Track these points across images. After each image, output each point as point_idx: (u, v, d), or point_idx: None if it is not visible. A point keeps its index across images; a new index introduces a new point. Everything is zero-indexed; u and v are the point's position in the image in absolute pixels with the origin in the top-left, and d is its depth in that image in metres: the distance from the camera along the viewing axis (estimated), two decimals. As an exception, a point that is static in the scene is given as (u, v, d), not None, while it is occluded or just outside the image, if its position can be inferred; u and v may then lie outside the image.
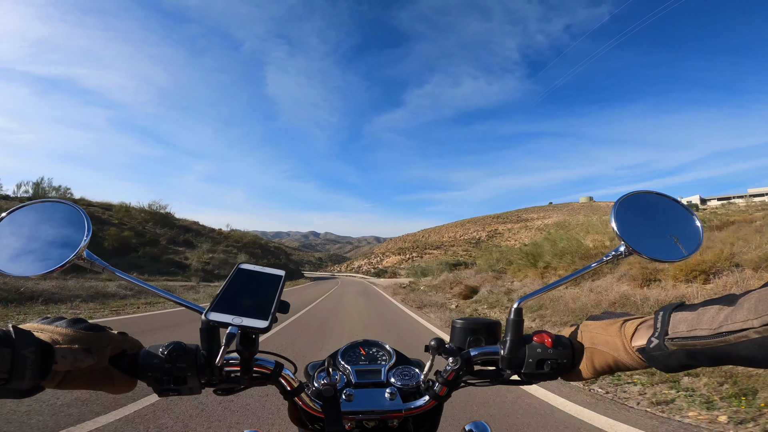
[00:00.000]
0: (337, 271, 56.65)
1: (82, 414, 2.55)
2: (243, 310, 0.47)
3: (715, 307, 0.38)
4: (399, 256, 62.27)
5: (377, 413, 0.59)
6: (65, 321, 0.46)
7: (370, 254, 67.63)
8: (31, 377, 0.39)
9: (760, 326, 0.34)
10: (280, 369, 0.54)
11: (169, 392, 0.50)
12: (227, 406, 2.83)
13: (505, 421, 2.69)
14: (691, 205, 17.42)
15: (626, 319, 0.49)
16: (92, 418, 2.50)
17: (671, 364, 0.41)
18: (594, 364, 0.50)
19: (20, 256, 0.50)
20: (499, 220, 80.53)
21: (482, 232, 70.34)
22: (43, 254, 0.50)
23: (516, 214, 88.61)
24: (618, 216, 0.53)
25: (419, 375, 0.66)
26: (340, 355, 0.71)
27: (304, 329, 6.88)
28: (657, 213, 0.55)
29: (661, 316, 0.42)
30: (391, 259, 62.05)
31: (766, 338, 0.33)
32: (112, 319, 7.11)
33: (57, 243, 0.51)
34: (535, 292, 0.57)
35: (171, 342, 0.49)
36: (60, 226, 0.52)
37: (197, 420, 2.58)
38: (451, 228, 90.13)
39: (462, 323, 0.62)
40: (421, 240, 78.76)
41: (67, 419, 2.46)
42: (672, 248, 0.52)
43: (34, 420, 2.41)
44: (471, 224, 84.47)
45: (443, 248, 63.96)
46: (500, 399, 3.12)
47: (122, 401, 2.76)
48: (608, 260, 0.54)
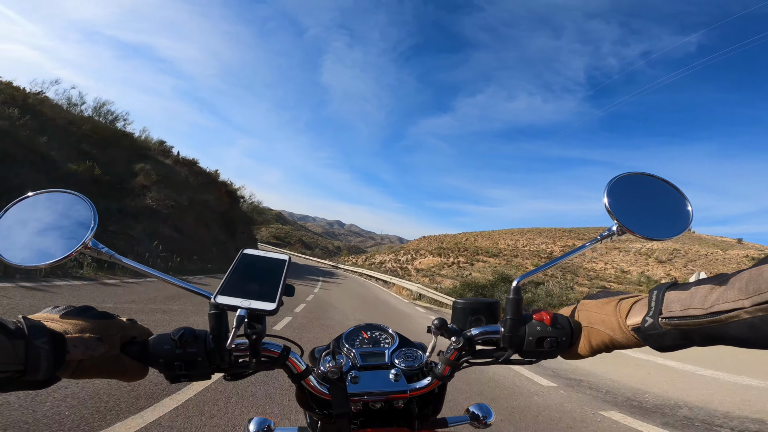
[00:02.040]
0: (351, 263, 36.31)
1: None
2: (250, 293, 0.48)
3: (708, 286, 0.39)
4: (439, 257, 44.26)
5: (383, 394, 0.61)
6: (74, 309, 0.47)
7: (399, 250, 49.62)
8: (46, 368, 0.40)
9: (750, 306, 0.34)
10: (287, 352, 0.55)
11: (180, 378, 0.50)
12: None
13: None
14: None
15: (622, 297, 0.50)
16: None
17: (665, 343, 0.42)
18: (591, 342, 0.51)
19: (27, 246, 0.50)
20: (572, 235, 63.03)
21: (553, 245, 54.11)
22: (50, 244, 0.51)
23: (592, 232, 69.37)
24: (611, 195, 0.55)
25: (422, 356, 0.67)
26: (344, 338, 0.72)
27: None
28: (650, 194, 0.57)
29: (656, 295, 0.43)
30: (428, 259, 44.22)
31: (757, 318, 0.34)
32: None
33: (63, 233, 0.51)
34: (533, 271, 0.59)
35: (181, 327, 0.50)
36: (66, 215, 0.53)
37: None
38: (507, 235, 72.10)
39: (463, 303, 0.63)
40: (464, 243, 61.52)
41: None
42: (663, 227, 0.54)
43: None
44: (534, 234, 67.81)
45: (502, 257, 45.67)
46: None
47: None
48: (602, 239, 0.56)
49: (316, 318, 6.84)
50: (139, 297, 5.96)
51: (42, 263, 0.49)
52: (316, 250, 74.41)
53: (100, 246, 0.52)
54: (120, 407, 2.29)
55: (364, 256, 52.78)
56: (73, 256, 0.50)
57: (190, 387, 2.72)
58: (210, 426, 2.25)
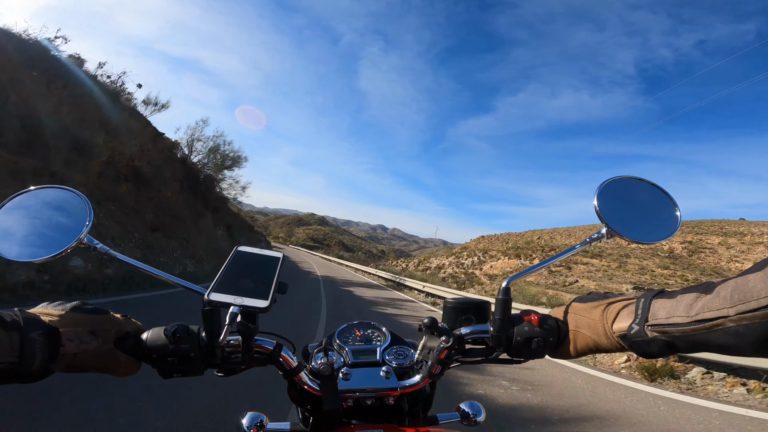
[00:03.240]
0: (400, 269, 23.70)
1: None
2: (243, 290, 0.48)
3: (693, 294, 0.39)
4: (517, 259, 32.09)
5: (373, 391, 0.61)
6: (69, 304, 0.47)
7: (460, 251, 38.42)
8: (40, 361, 0.40)
9: (734, 315, 0.35)
10: (279, 349, 0.55)
11: (173, 374, 0.50)
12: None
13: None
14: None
15: (610, 302, 0.50)
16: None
17: (651, 350, 0.43)
18: (577, 345, 0.52)
19: (22, 242, 0.50)
20: (694, 230, 48.79)
21: (673, 242, 41.12)
22: (46, 240, 0.51)
23: (717, 224, 54.07)
24: (601, 198, 0.56)
25: (413, 354, 0.68)
26: (336, 335, 0.73)
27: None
28: (639, 198, 0.58)
29: (642, 303, 0.44)
30: (501, 262, 32.75)
31: (741, 327, 0.34)
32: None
33: (59, 228, 0.52)
34: (523, 272, 0.60)
35: (174, 323, 0.50)
36: (62, 211, 0.53)
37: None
38: (590, 230, 57.62)
39: (453, 303, 0.64)
40: (538, 242, 49.43)
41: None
42: (651, 231, 0.55)
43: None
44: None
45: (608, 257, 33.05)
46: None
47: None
48: (591, 242, 0.57)
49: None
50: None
51: (36, 259, 0.49)
52: (358, 254, 68.56)
53: (95, 242, 0.52)
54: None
55: (416, 260, 42.61)
56: (67, 252, 0.50)
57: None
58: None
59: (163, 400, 2.46)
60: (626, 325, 0.45)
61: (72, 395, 2.33)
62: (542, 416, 2.97)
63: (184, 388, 2.60)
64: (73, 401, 2.29)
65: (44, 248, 0.50)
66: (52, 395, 2.29)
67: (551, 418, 2.95)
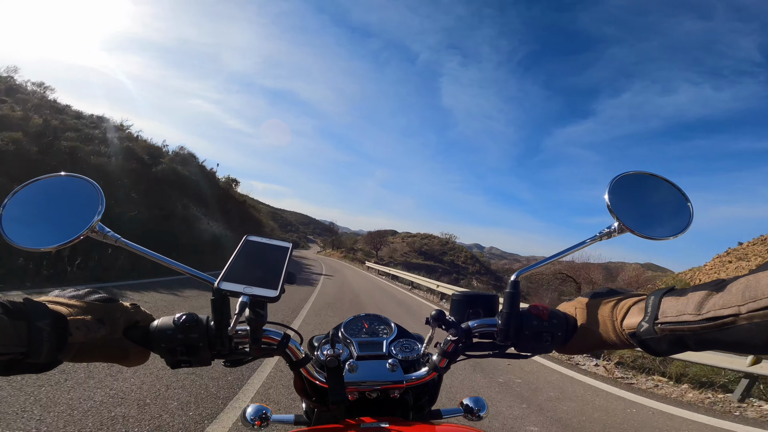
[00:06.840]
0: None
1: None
2: (252, 280, 0.47)
3: (704, 292, 0.39)
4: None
5: (379, 384, 0.61)
6: (77, 292, 0.47)
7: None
8: (48, 350, 0.39)
9: (746, 312, 0.34)
10: (287, 340, 0.55)
11: (181, 363, 0.50)
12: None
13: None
14: None
15: (620, 298, 0.50)
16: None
17: (660, 348, 0.43)
18: (586, 340, 0.52)
19: (35, 229, 0.50)
20: None
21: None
22: (58, 227, 0.51)
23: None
24: (612, 193, 0.56)
25: (420, 348, 0.67)
26: (343, 327, 0.72)
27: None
28: (652, 194, 0.58)
29: (653, 300, 0.43)
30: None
31: (753, 324, 0.34)
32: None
33: (71, 216, 0.52)
34: (531, 266, 0.60)
35: (183, 313, 0.50)
36: (74, 199, 0.53)
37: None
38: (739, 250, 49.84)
39: (460, 296, 0.63)
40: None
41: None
42: (663, 227, 0.55)
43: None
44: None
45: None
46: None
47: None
48: (601, 236, 0.56)
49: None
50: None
51: (49, 246, 0.49)
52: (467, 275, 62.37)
53: (106, 230, 0.52)
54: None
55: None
56: (80, 240, 0.50)
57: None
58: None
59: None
60: (636, 323, 0.44)
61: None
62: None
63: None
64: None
65: (56, 236, 0.49)
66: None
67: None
